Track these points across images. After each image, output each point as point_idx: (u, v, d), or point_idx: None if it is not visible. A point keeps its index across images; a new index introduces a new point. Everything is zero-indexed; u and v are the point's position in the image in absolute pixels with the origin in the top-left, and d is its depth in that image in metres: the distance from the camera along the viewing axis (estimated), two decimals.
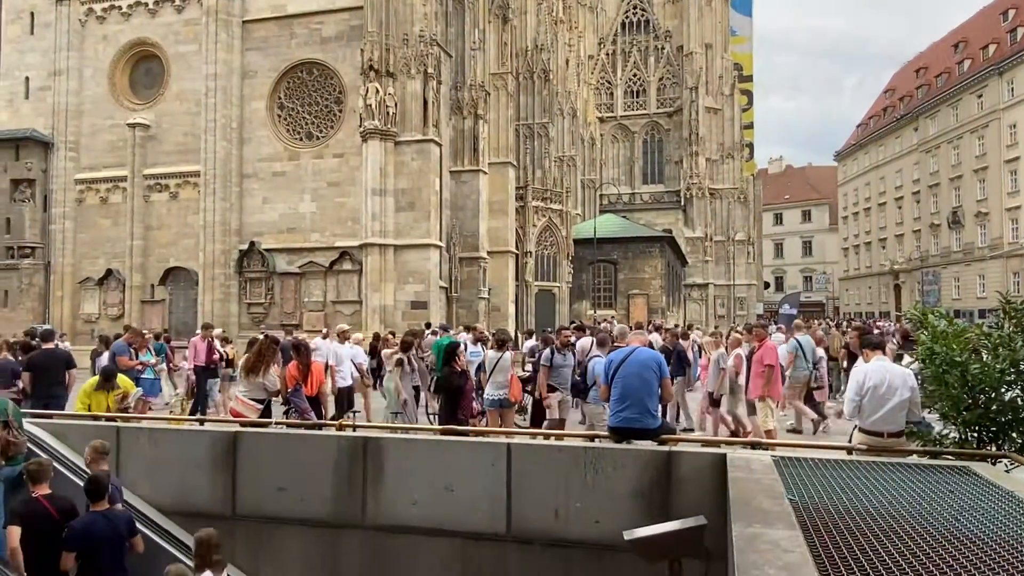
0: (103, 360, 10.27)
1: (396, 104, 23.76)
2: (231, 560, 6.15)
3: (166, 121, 27.49)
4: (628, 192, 56.58)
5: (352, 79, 24.95)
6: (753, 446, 6.38)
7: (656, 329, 19.04)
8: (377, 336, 16.26)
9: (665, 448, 5.70)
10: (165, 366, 14.38)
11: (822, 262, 77.52)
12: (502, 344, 9.92)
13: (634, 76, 58.15)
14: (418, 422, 10.38)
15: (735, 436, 10.05)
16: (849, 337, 8.86)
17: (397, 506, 6.02)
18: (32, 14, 29.03)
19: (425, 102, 24.15)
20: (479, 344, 13.73)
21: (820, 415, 11.53)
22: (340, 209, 25.56)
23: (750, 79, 62.23)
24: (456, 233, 28.42)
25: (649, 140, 57.92)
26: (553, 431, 8.62)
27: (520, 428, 10.45)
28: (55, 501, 5.63)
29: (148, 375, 11.78)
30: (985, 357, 5.50)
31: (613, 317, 34.02)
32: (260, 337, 9.57)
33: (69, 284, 28.48)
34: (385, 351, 11.99)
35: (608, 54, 58.51)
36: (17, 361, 9.88)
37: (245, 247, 26.23)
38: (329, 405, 10.57)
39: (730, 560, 3.28)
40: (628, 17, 58.67)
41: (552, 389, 9.90)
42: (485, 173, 29.22)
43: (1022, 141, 48.28)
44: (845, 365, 13.55)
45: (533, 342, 13.61)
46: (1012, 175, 49.14)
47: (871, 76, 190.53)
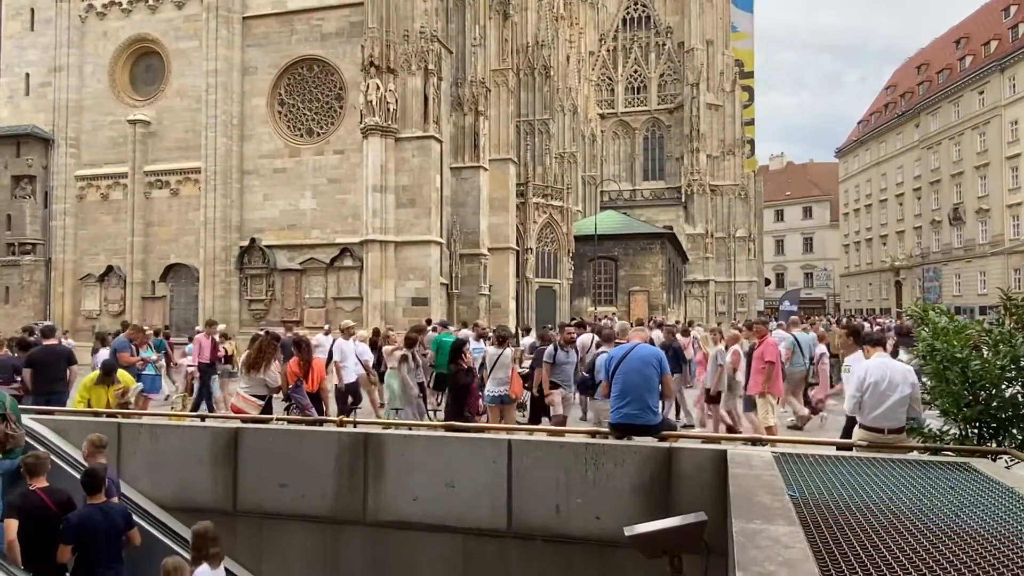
0: (100, 357, 10.25)
1: (397, 100, 23.73)
2: (232, 556, 6.16)
3: (167, 118, 27.49)
4: (629, 189, 56.53)
5: (353, 75, 24.93)
6: (754, 442, 6.39)
7: (658, 326, 19.02)
8: (377, 332, 16.22)
9: (666, 444, 5.70)
10: (164, 363, 14.37)
11: (823, 259, 77.41)
12: (503, 340, 9.90)
13: (635, 72, 58.05)
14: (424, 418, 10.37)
15: (732, 431, 10.07)
16: (838, 338, 8.80)
17: (398, 502, 6.03)
18: (32, 10, 29.02)
19: (426, 98, 24.12)
20: (481, 340, 13.70)
21: (812, 411, 11.59)
22: (341, 206, 25.56)
23: (751, 75, 62.06)
24: (457, 230, 28.40)
25: (650, 136, 57.83)
26: (553, 427, 8.63)
27: (520, 425, 10.45)
28: (53, 494, 5.64)
29: (149, 371, 11.79)
30: (986, 353, 5.50)
31: (614, 314, 34.01)
32: (261, 334, 9.58)
33: (70, 280, 28.52)
34: (386, 347, 11.97)
35: (609, 50, 58.39)
36: (16, 357, 9.88)
37: (246, 244, 26.24)
38: (330, 401, 10.56)
39: (730, 556, 3.29)
40: (629, 13, 58.54)
41: (555, 386, 9.90)
42: (486, 170, 29.19)
43: (1023, 138, 48.22)
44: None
45: (530, 339, 13.53)
46: (1013, 171, 49.07)
47: (872, 72, 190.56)
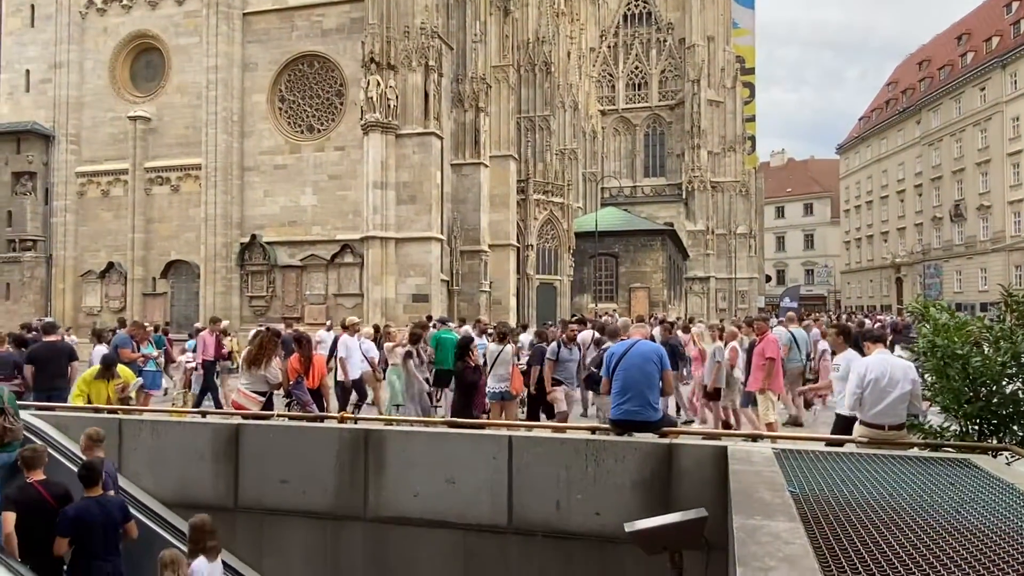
0: (96, 353, 10.22)
1: (397, 97, 23.71)
2: (233, 552, 6.17)
3: (167, 114, 27.49)
4: (629, 185, 56.51)
5: (353, 72, 24.91)
6: (754, 438, 6.39)
7: (660, 323, 19.02)
8: (377, 328, 16.21)
9: (666, 441, 5.70)
10: (163, 359, 14.36)
11: (824, 255, 77.38)
12: (503, 337, 9.90)
13: (636, 69, 57.99)
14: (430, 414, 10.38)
15: (728, 427, 10.11)
16: (829, 338, 8.76)
17: (399, 498, 6.03)
18: (32, 7, 29.01)
19: (426, 95, 24.11)
20: (483, 336, 13.68)
21: (805, 404, 11.69)
22: (341, 202, 25.56)
23: (752, 72, 61.96)
24: (457, 226, 28.38)
25: (651, 133, 57.80)
26: (553, 423, 8.63)
27: (520, 421, 10.45)
28: (50, 487, 5.64)
29: (150, 367, 11.79)
30: (986, 350, 5.49)
31: (614, 310, 34.06)
32: (262, 330, 9.58)
33: (71, 277, 28.54)
34: (387, 344, 11.96)
35: (610, 47, 58.32)
36: (17, 353, 9.87)
37: (246, 240, 26.26)
38: (331, 397, 10.56)
39: (731, 552, 3.29)
40: (630, 9, 58.46)
41: (557, 383, 9.90)
42: (486, 166, 29.17)
43: None
44: None
45: (527, 336, 13.41)
46: (1014, 168, 48.99)
47: (873, 69, 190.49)
